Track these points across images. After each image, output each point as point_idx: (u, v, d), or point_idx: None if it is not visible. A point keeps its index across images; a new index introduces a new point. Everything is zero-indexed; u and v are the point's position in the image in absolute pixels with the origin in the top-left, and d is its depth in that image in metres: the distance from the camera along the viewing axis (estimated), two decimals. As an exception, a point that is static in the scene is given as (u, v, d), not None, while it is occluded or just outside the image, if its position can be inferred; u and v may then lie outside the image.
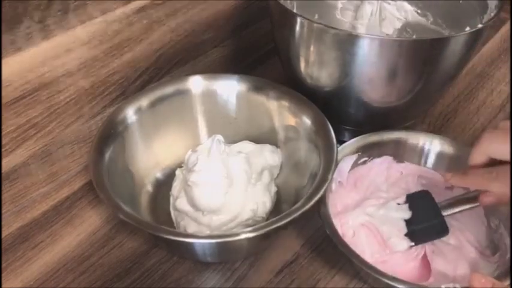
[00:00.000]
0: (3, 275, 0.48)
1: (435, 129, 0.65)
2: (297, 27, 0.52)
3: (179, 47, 0.64)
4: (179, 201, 0.49)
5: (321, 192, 0.45)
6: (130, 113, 0.53)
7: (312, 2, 0.67)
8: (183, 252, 0.49)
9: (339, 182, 0.52)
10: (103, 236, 0.51)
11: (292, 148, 0.55)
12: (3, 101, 0.48)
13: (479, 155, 0.42)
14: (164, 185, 0.54)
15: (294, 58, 0.56)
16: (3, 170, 0.51)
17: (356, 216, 0.50)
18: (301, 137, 0.53)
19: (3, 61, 0.46)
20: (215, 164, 0.48)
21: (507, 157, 0.40)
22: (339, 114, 0.57)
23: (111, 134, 0.50)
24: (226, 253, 0.48)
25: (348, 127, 0.60)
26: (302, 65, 0.55)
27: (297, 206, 0.44)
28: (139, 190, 0.52)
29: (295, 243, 0.51)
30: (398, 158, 0.54)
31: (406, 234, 0.48)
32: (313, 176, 0.49)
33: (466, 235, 0.50)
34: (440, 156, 0.53)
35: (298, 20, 0.52)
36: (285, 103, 0.55)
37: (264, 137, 0.57)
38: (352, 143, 0.53)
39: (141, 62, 0.60)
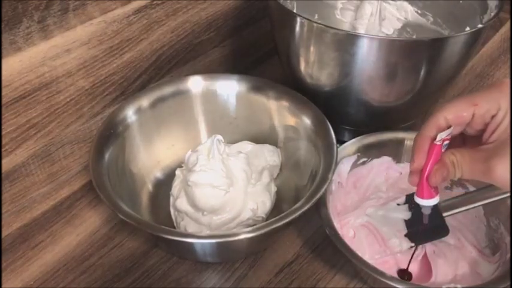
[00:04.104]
0: (3, 275, 0.48)
1: (435, 129, 0.64)
2: (297, 27, 0.52)
3: (179, 47, 0.64)
4: (179, 201, 0.49)
5: (321, 192, 0.45)
6: (130, 113, 0.53)
7: (312, 2, 0.67)
8: (183, 252, 0.49)
9: (339, 182, 0.52)
10: (103, 236, 0.51)
11: (292, 148, 0.55)
12: (3, 101, 0.48)
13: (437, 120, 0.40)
14: (164, 185, 0.54)
15: (294, 58, 0.56)
16: (3, 170, 0.51)
17: (356, 217, 0.50)
18: (301, 137, 0.53)
19: (3, 61, 0.46)
20: (215, 164, 0.48)
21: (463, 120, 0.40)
22: (339, 114, 0.57)
23: (111, 134, 0.51)
24: (226, 253, 0.48)
25: (347, 127, 0.60)
26: (302, 65, 0.55)
27: (297, 206, 0.44)
28: (139, 190, 0.53)
29: (295, 243, 0.51)
30: (398, 158, 0.54)
31: (406, 235, 0.48)
32: (313, 176, 0.49)
33: (466, 235, 0.50)
34: (440, 156, 0.53)
35: (298, 20, 0.52)
36: (285, 103, 0.55)
37: (264, 137, 0.57)
38: (351, 144, 0.53)
39: (141, 62, 0.60)
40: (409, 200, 0.50)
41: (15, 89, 0.48)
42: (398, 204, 0.50)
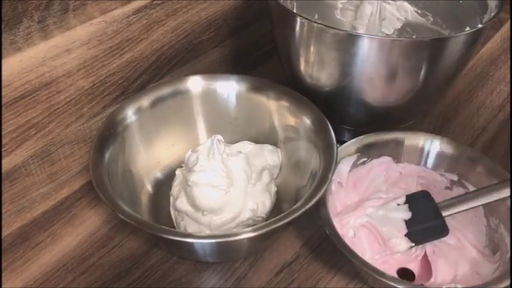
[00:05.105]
0: (3, 275, 0.48)
1: (435, 129, 0.65)
2: (297, 27, 0.52)
3: (179, 47, 0.64)
4: (179, 201, 0.49)
5: (321, 192, 0.45)
6: (130, 113, 0.53)
7: (312, 2, 0.67)
8: (183, 252, 0.49)
9: (339, 182, 0.52)
10: (103, 236, 0.51)
11: (292, 148, 0.55)
12: (3, 101, 0.48)
13: None
14: (164, 185, 0.54)
15: (294, 58, 0.56)
16: (3, 170, 0.51)
17: (356, 217, 0.50)
18: (301, 137, 0.53)
19: (3, 61, 0.46)
20: (215, 164, 0.48)
21: None
22: (339, 114, 0.57)
23: (111, 134, 0.50)
24: (226, 253, 0.48)
25: (347, 127, 0.60)
26: (302, 65, 0.55)
27: (297, 206, 0.44)
28: (139, 190, 0.52)
29: (295, 243, 0.51)
30: (398, 158, 0.54)
31: (406, 235, 0.48)
32: (313, 176, 0.49)
33: (466, 235, 0.50)
34: (440, 156, 0.53)
35: (298, 20, 0.52)
36: (285, 103, 0.55)
37: (264, 137, 0.57)
38: (351, 144, 0.53)
39: (141, 62, 0.60)
40: (409, 200, 0.50)
41: (15, 89, 0.48)
42: (398, 204, 0.50)
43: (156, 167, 0.55)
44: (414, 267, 0.49)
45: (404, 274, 0.48)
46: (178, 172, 0.53)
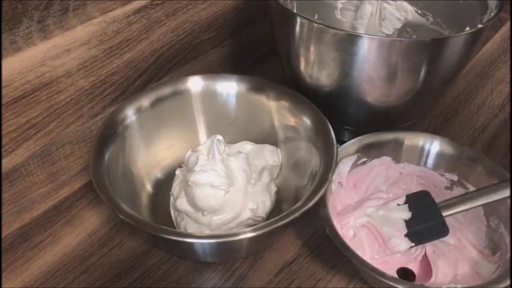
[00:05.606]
0: (3, 275, 0.48)
1: (435, 129, 0.65)
2: (297, 27, 0.52)
3: (179, 47, 0.64)
4: (179, 201, 0.49)
5: (321, 192, 0.45)
6: (130, 113, 0.53)
7: (312, 2, 0.67)
8: (183, 252, 0.49)
9: (339, 182, 0.52)
10: (103, 236, 0.51)
11: (292, 148, 0.55)
12: (3, 101, 0.48)
13: None
14: (164, 185, 0.54)
15: (294, 58, 0.56)
16: (3, 170, 0.51)
17: (356, 217, 0.50)
18: (301, 137, 0.53)
19: (3, 61, 0.46)
20: (215, 164, 0.48)
21: None
22: (339, 114, 0.57)
23: (111, 134, 0.51)
24: (227, 253, 0.48)
25: (347, 127, 0.60)
26: (302, 64, 0.55)
27: (297, 206, 0.44)
28: (139, 190, 0.52)
29: (295, 243, 0.51)
30: (398, 158, 0.54)
31: (406, 235, 0.48)
32: (313, 176, 0.49)
33: (466, 235, 0.50)
34: (440, 156, 0.53)
35: (298, 20, 0.52)
36: (285, 103, 0.55)
37: (264, 137, 0.57)
38: (351, 144, 0.53)
39: (141, 62, 0.60)
40: (409, 200, 0.50)
41: (15, 89, 0.48)
42: (398, 204, 0.49)
43: (156, 167, 0.55)
44: (414, 267, 0.49)
45: (404, 274, 0.48)
46: (178, 172, 0.53)
